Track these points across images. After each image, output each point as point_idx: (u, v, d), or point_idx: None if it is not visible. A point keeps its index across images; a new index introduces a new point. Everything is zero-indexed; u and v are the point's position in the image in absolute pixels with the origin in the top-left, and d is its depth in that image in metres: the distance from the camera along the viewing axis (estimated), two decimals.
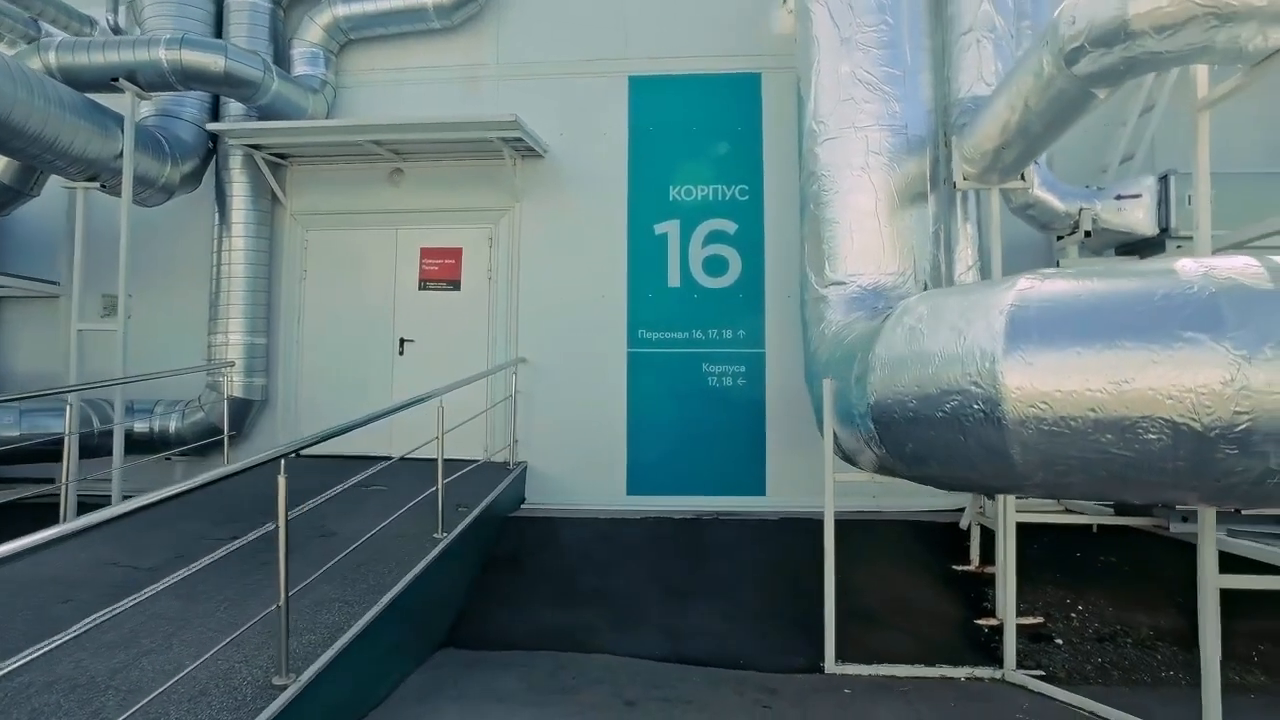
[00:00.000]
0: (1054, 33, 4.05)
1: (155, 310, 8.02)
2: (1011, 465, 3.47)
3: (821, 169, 6.03)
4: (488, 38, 8.22)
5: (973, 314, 3.61)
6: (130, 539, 5.47)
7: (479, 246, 8.13)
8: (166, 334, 7.98)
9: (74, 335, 6.78)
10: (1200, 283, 3.15)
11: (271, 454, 3.78)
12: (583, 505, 7.64)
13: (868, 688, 4.79)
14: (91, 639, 3.85)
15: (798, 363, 7.55)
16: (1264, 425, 2.96)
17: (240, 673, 3.58)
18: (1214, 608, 4.09)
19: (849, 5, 5.93)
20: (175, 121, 7.52)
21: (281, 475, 3.73)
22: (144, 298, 8.04)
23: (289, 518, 4.78)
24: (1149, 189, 5.98)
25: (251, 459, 3.87)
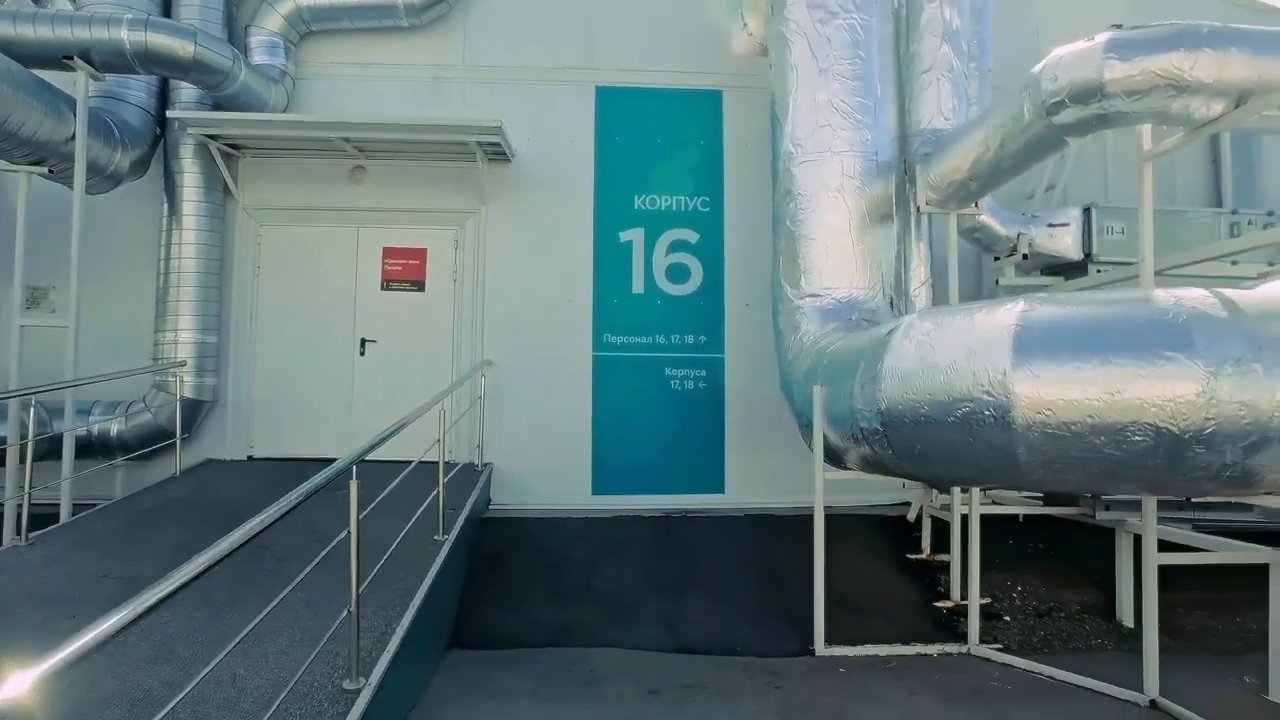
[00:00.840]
0: (1036, 86, 4.64)
1: (90, 304, 7.48)
2: (1016, 464, 3.99)
3: (799, 188, 6.48)
4: (454, 39, 8.19)
5: (981, 332, 4.12)
6: (104, 549, 5.19)
7: (444, 248, 8.10)
8: (103, 329, 7.45)
9: (17, 331, 6.26)
10: (1174, 310, 3.76)
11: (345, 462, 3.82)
12: (550, 505, 7.77)
13: (857, 666, 5.27)
14: (123, 653, 3.73)
15: (756, 367, 8.06)
16: (1225, 428, 3.59)
17: (300, 680, 3.57)
18: (1153, 580, 4.80)
19: (827, 39, 6.41)
20: (121, 105, 7.07)
21: (354, 480, 3.77)
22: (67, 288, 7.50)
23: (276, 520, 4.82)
24: (1075, 219, 6.82)
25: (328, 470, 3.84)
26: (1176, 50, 4.16)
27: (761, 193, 8.17)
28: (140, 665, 3.63)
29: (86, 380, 6.24)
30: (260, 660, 3.71)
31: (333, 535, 5.63)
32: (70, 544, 5.28)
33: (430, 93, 8.11)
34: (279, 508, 3.24)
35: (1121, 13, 8.49)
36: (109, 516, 5.90)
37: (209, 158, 7.43)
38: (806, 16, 6.48)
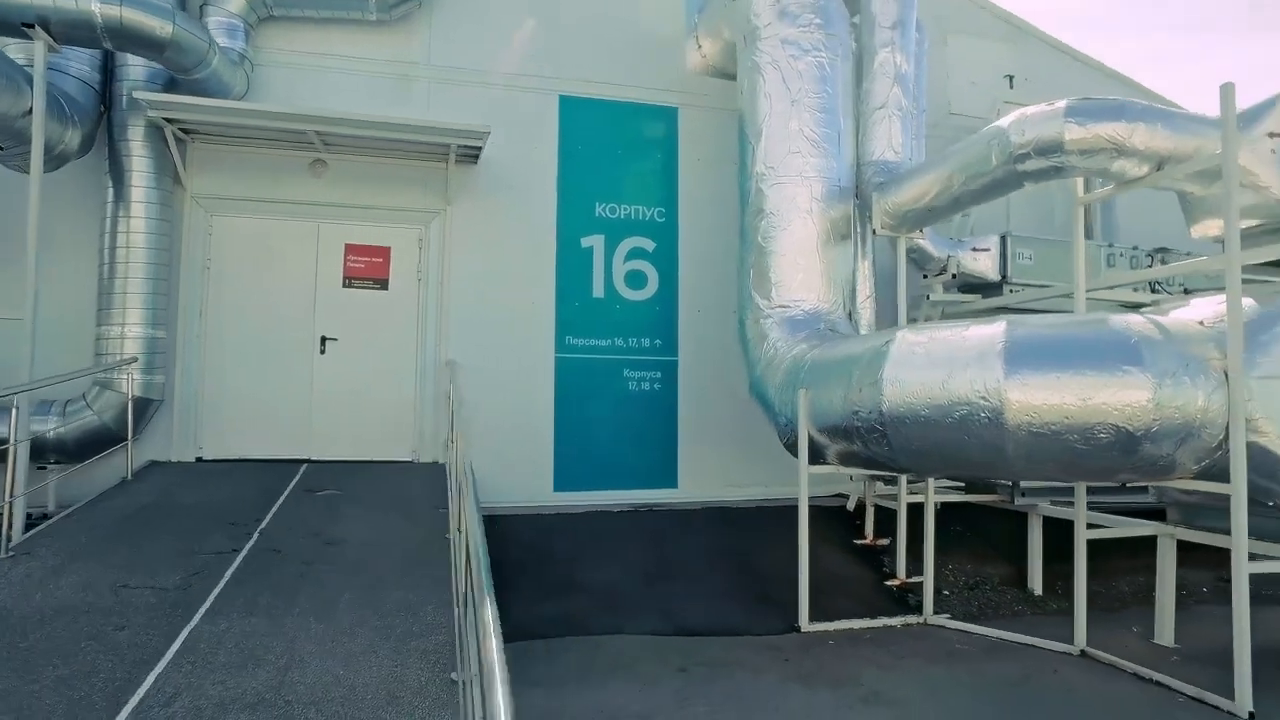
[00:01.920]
0: (1005, 138, 5.49)
1: (15, 294, 6.84)
2: (1005, 458, 4.79)
3: (770, 207, 7.10)
4: (419, 37, 8.15)
5: (973, 346, 4.88)
6: (101, 558, 4.91)
7: (408, 246, 8.05)
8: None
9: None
10: (1127, 332, 4.68)
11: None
12: (514, 502, 7.93)
13: (841, 639, 5.94)
14: (206, 660, 3.69)
15: (707, 370, 8.66)
16: (1166, 427, 4.53)
17: (404, 675, 3.70)
18: (1083, 554, 5.80)
19: (799, 73, 7.07)
20: (62, 77, 6.52)
21: (470, 483, 3.92)
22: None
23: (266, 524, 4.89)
24: (994, 245, 7.90)
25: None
26: (1120, 120, 5.12)
27: (713, 206, 8.79)
28: (232, 670, 3.60)
29: (50, 381, 5.77)
30: (352, 660, 3.78)
31: (334, 536, 5.66)
32: (61, 554, 4.94)
33: (394, 89, 8.03)
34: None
35: (1008, 64, 9.88)
36: (86, 524, 5.51)
37: (160, 141, 6.99)
38: (781, 51, 7.10)
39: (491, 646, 2.03)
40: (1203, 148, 5.14)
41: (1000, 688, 5.05)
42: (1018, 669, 5.40)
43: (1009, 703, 4.84)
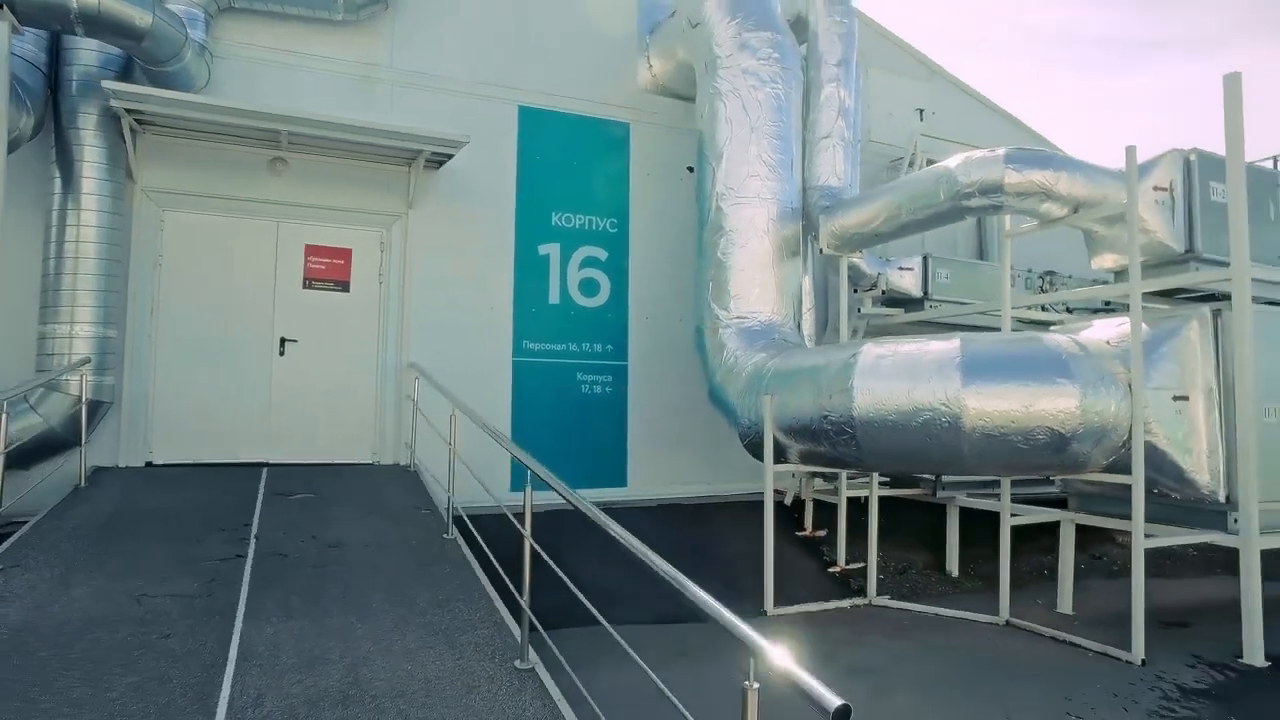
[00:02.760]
0: (952, 178, 6.29)
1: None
2: (961, 457, 5.55)
3: (730, 226, 7.66)
4: (382, 40, 8.13)
5: (933, 359, 5.61)
6: (101, 567, 4.77)
7: (370, 249, 8.02)
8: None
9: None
10: (1058, 349, 5.55)
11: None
12: (472, 502, 8.08)
13: (803, 620, 6.57)
14: (271, 662, 3.78)
15: (655, 374, 9.16)
16: (1089, 430, 5.42)
17: (470, 667, 3.93)
18: (1007, 539, 6.72)
19: (758, 101, 7.67)
20: (11, 59, 6.13)
21: (528, 485, 4.19)
22: None
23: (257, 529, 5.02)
24: (918, 264, 8.83)
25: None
26: (1048, 169, 6.02)
27: (661, 218, 9.28)
28: (303, 671, 3.70)
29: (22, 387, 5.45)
30: (413, 656, 3.96)
31: (331, 539, 5.72)
32: (55, 564, 4.73)
33: (355, 90, 7.97)
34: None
35: (921, 100, 10.95)
36: (61, 533, 5.25)
37: (114, 131, 6.66)
38: (742, 81, 7.67)
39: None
40: (1109, 196, 6.13)
41: (950, 654, 5.83)
42: (959, 638, 6.21)
43: (961, 665, 5.61)
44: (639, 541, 2.92)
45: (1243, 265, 5.85)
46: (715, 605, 2.26)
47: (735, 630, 2.11)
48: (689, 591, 2.39)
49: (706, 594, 2.35)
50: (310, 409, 7.68)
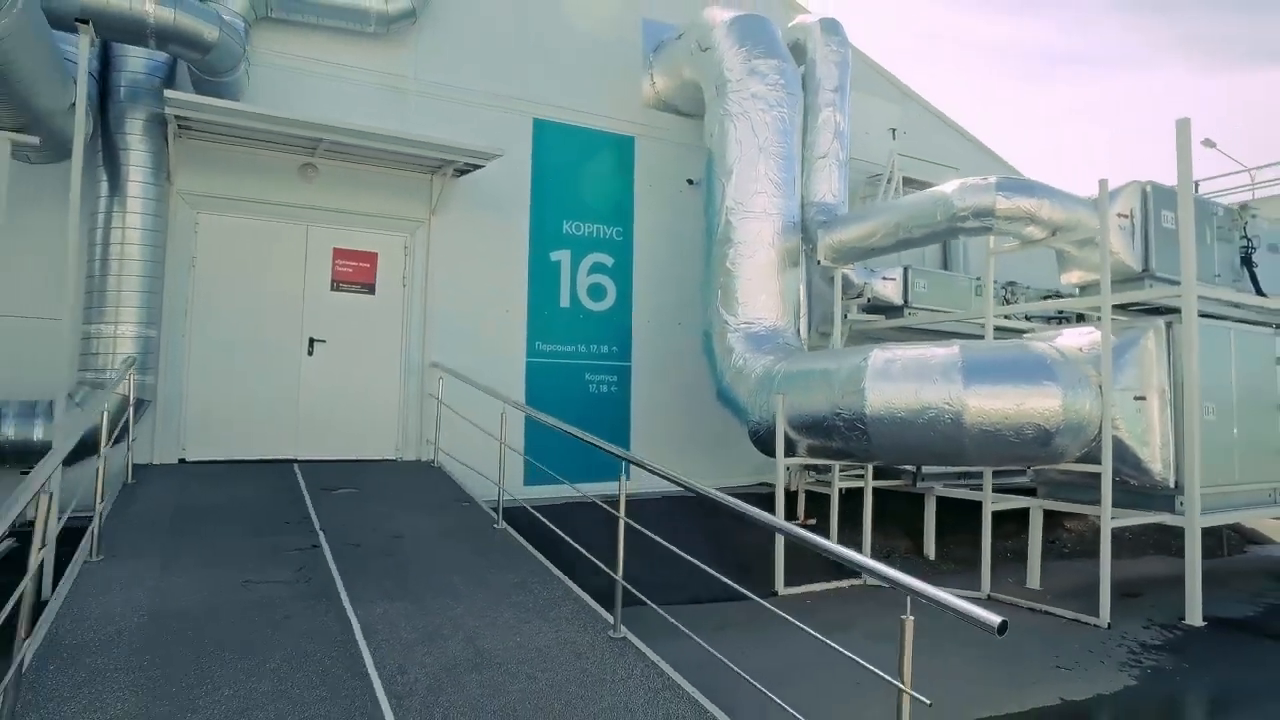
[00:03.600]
0: (949, 201, 7.06)
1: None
2: (962, 451, 6.31)
3: (738, 238, 8.29)
4: (408, 52, 8.45)
5: (937, 363, 6.36)
6: (199, 557, 5.07)
7: (394, 253, 8.35)
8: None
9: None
10: (1044, 355, 6.37)
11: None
12: (490, 496, 8.52)
13: (814, 597, 7.27)
14: (395, 638, 4.20)
15: (656, 374, 9.72)
16: (1069, 425, 6.25)
17: (571, 638, 4.44)
18: (988, 524, 7.55)
19: (765, 124, 8.31)
20: (70, 67, 6.27)
21: (623, 477, 4.71)
22: None
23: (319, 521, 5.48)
24: (899, 275, 9.64)
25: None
26: (1033, 196, 6.85)
27: (662, 228, 9.87)
28: (428, 644, 4.11)
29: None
30: (518, 629, 4.43)
31: (391, 530, 6.12)
32: (147, 555, 5.02)
33: (383, 100, 8.28)
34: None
35: (895, 120, 11.79)
36: (135, 526, 5.51)
37: (158, 136, 6.85)
38: (751, 104, 8.31)
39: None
40: (1082, 220, 7.01)
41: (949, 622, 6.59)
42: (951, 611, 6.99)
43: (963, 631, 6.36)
44: (774, 517, 3.49)
45: (1191, 285, 6.80)
46: (870, 562, 2.86)
47: (897, 579, 2.71)
48: (836, 553, 2.97)
49: (854, 552, 2.94)
50: (337, 407, 7.97)
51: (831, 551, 3.05)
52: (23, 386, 6.41)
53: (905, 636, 2.67)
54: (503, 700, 3.62)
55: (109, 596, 4.40)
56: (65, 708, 3.25)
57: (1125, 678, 5.44)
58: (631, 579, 7.09)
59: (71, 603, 4.28)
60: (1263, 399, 7.78)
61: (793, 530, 3.26)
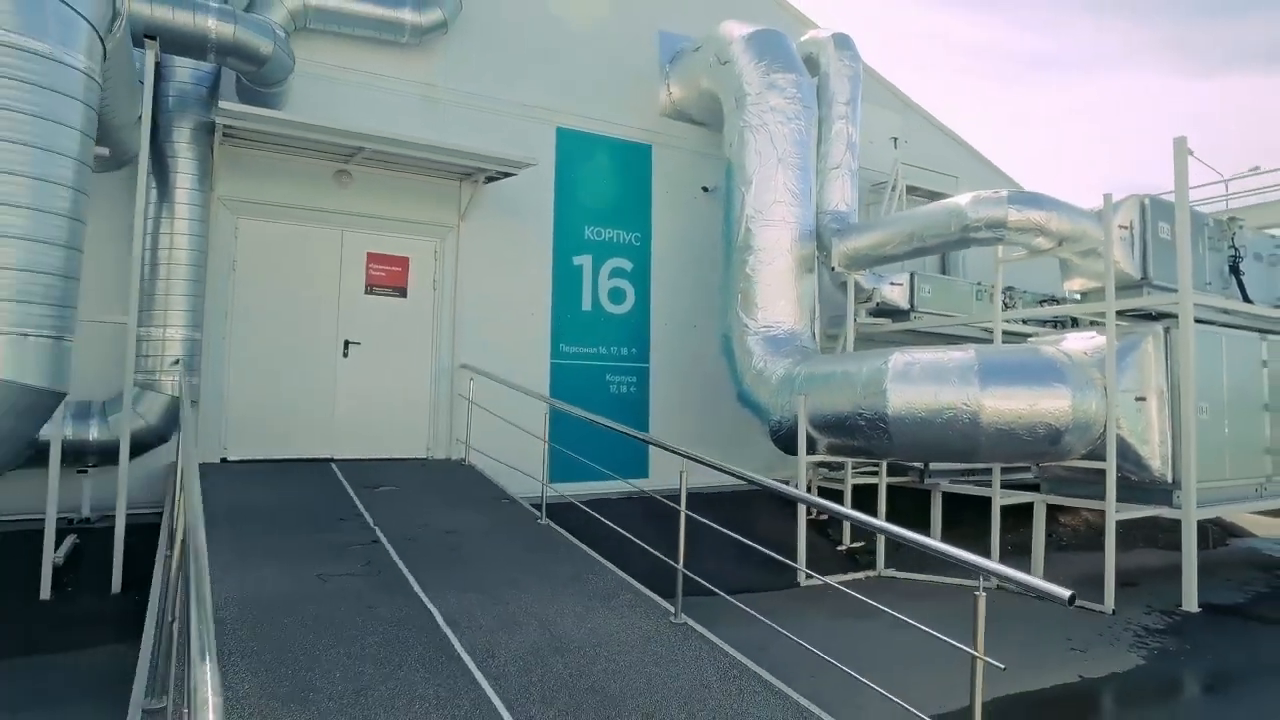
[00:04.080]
0: (963, 213, 7.46)
1: None
2: (978, 448, 6.72)
3: (758, 245, 8.64)
4: (438, 62, 8.69)
5: (955, 365, 6.75)
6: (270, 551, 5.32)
7: (425, 257, 8.59)
8: None
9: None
10: (1054, 359, 6.80)
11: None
12: (516, 493, 8.80)
13: (833, 588, 7.62)
14: (475, 625, 4.48)
15: (672, 375, 10.04)
16: (1077, 425, 6.68)
17: (637, 624, 4.75)
18: (997, 516, 7.97)
19: (784, 136, 8.67)
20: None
21: (684, 471, 5.02)
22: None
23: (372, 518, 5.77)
24: (905, 281, 10.05)
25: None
26: (1042, 209, 7.27)
27: (678, 234, 10.20)
28: (507, 631, 4.39)
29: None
30: (587, 617, 4.71)
31: (443, 526, 6.40)
32: (219, 551, 5.26)
33: (415, 108, 8.52)
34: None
35: (897, 129, 12.20)
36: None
37: (204, 145, 7.05)
38: (770, 117, 8.66)
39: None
40: (1087, 232, 7.44)
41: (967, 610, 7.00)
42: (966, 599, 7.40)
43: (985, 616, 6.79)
44: (867, 516, 3.82)
45: (1188, 293, 7.26)
46: (949, 548, 3.20)
47: (976, 562, 3.06)
48: (931, 546, 3.31)
49: (939, 542, 3.28)
50: (371, 407, 8.21)
51: (927, 546, 3.38)
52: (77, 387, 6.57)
53: (979, 610, 3.02)
54: (589, 680, 3.94)
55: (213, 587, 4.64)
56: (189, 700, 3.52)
57: (1135, 658, 5.87)
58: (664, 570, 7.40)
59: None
60: (1250, 399, 8.29)
61: (892, 529, 3.60)
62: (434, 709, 3.49)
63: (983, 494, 8.28)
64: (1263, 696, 5.41)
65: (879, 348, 9.24)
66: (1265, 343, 8.57)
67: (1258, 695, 5.44)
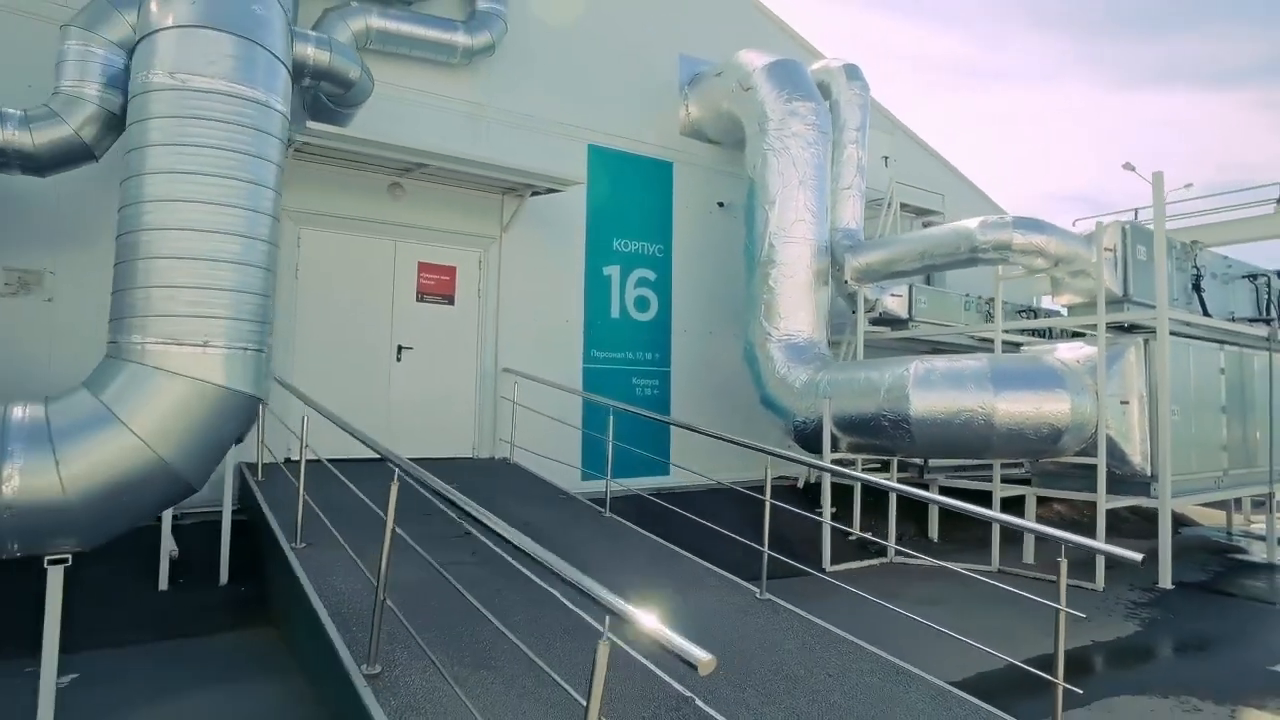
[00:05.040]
0: (972, 235, 8.32)
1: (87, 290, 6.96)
2: (991, 447, 7.58)
3: (781, 259, 9.38)
4: (483, 80, 9.18)
5: (970, 372, 7.60)
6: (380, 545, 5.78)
7: (470, 267, 9.08)
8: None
9: None
10: (1054, 367, 7.71)
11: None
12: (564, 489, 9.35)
13: (855, 573, 8.41)
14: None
15: (691, 379, 10.71)
16: (1074, 425, 7.60)
17: (730, 598, 5.41)
18: (998, 506, 8.87)
19: (805, 160, 9.43)
20: None
21: (769, 465, 5.68)
22: (69, 275, 6.95)
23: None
24: (905, 292, 10.94)
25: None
26: (1041, 234, 8.18)
27: (697, 246, 10.88)
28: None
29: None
30: (686, 595, 5.37)
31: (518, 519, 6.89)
32: (335, 545, 5.71)
33: (462, 126, 9.00)
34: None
35: (886, 149, 13.12)
36: (306, 518, 6.17)
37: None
38: (792, 141, 9.40)
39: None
40: (1079, 254, 8.39)
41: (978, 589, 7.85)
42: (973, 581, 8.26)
43: (994, 595, 7.65)
44: (982, 509, 4.54)
45: (1164, 309, 8.27)
46: (1039, 526, 3.93)
47: (1053, 534, 3.80)
48: (1042, 531, 4.05)
49: (1034, 524, 4.02)
50: (421, 409, 8.67)
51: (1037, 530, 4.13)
52: None
53: (1061, 574, 3.77)
54: (711, 643, 4.52)
55: (344, 578, 5.13)
56: (397, 667, 4.05)
57: (1132, 626, 6.80)
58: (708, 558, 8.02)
59: (318, 583, 4.99)
60: (1210, 403, 9.40)
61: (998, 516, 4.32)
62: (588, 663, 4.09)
63: (983, 488, 9.17)
64: (1239, 651, 6.38)
65: (883, 355, 10.13)
66: (1223, 352, 9.70)
67: (1235, 650, 6.40)
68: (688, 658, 2.11)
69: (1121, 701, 5.17)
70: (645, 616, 2.29)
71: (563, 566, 2.69)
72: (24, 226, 6.81)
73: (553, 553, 4.05)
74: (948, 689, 4.42)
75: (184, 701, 4.58)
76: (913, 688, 4.37)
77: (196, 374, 3.82)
